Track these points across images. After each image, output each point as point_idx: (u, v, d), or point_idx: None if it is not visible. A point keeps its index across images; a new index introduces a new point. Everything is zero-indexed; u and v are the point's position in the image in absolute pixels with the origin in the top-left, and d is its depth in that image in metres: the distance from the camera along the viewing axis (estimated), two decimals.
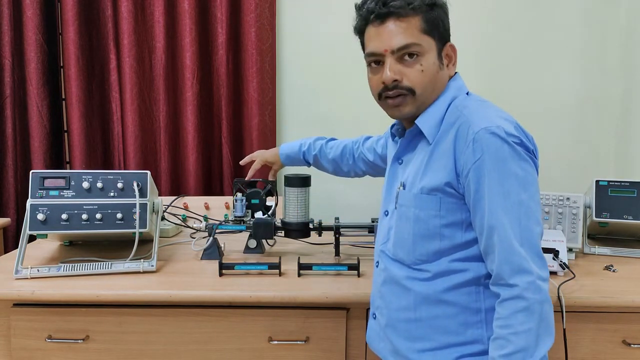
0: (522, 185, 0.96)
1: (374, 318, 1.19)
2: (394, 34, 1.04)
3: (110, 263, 1.47)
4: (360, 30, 1.12)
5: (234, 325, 1.38)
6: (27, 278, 1.41)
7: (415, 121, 1.09)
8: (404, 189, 1.10)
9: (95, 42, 2.19)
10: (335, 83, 2.21)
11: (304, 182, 1.60)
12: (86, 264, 1.46)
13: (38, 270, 1.42)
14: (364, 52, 1.12)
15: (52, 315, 1.38)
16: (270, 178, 1.70)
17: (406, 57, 1.04)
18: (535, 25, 2.17)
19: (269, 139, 2.19)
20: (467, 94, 1.11)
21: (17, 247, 1.47)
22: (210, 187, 2.25)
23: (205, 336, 1.38)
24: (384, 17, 1.04)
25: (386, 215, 1.18)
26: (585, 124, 2.19)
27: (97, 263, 1.47)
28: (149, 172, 1.53)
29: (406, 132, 1.14)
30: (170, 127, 2.19)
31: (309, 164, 1.66)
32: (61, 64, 2.19)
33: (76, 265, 1.45)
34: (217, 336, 1.38)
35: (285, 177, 1.61)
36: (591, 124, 2.19)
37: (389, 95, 1.07)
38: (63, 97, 2.21)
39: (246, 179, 1.72)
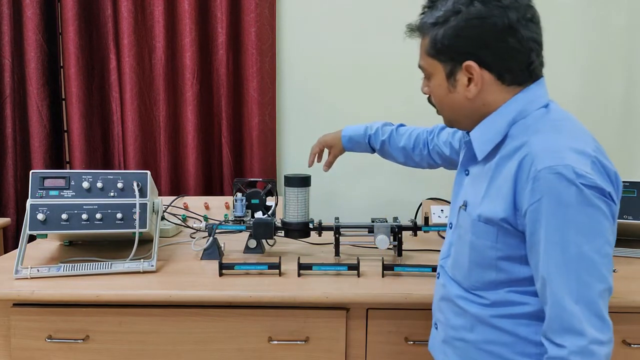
0: (586, 236, 0.85)
1: (436, 328, 1.17)
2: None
3: (110, 263, 1.47)
4: None
5: (234, 325, 1.37)
6: (27, 278, 1.40)
7: (469, 133, 1.04)
8: (465, 209, 1.04)
9: (95, 42, 2.19)
10: (336, 83, 2.21)
11: (304, 182, 1.59)
12: (86, 264, 1.46)
13: (38, 270, 1.42)
14: None
15: (52, 315, 1.38)
16: (325, 169, 1.60)
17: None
18: None
19: (269, 139, 2.19)
20: (547, 106, 0.99)
21: (17, 247, 1.47)
22: (210, 187, 2.25)
23: (205, 336, 1.38)
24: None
25: (450, 227, 1.13)
26: (585, 124, 2.17)
27: (97, 263, 1.47)
28: (149, 172, 1.53)
29: (465, 142, 1.09)
30: (170, 127, 2.19)
31: (373, 150, 1.56)
32: (61, 64, 2.19)
33: (76, 265, 1.45)
34: (217, 336, 1.38)
35: (285, 177, 1.61)
36: (591, 124, 2.16)
37: None
38: (63, 97, 2.21)
39: (309, 164, 1.62)
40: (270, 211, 1.78)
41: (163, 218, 1.87)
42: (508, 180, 0.93)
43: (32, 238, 1.57)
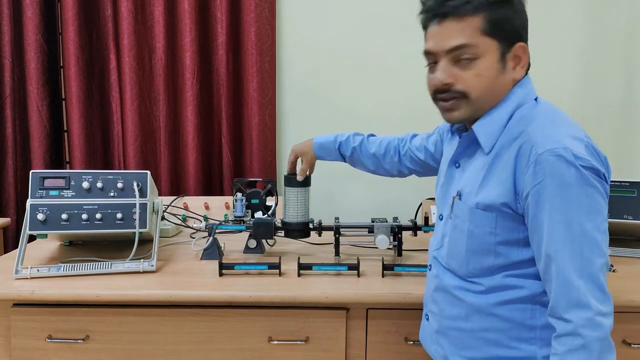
0: (587, 214, 0.90)
1: (427, 319, 1.18)
2: (449, 34, 0.98)
3: (110, 263, 1.47)
4: (424, 26, 1.05)
5: (234, 325, 1.38)
6: (27, 278, 1.40)
7: (473, 126, 1.03)
8: (459, 199, 1.05)
9: (95, 42, 2.19)
10: (336, 82, 2.22)
11: (303, 182, 1.59)
12: (86, 264, 1.46)
13: (38, 270, 1.42)
14: None
15: (52, 315, 1.38)
16: (299, 177, 1.56)
17: (462, 59, 0.98)
18: (534, 25, 2.15)
19: (269, 139, 2.19)
20: (536, 99, 1.03)
21: (17, 247, 1.47)
22: (210, 187, 2.25)
23: (205, 336, 1.38)
24: (443, 17, 0.99)
25: (440, 219, 1.14)
26: (585, 124, 2.17)
27: (97, 263, 1.47)
28: (149, 172, 1.53)
29: (463, 135, 1.08)
30: (170, 127, 2.19)
31: (343, 159, 1.53)
32: (61, 64, 2.20)
33: (76, 265, 1.45)
34: (217, 336, 1.38)
35: (285, 177, 1.61)
36: (591, 124, 2.18)
37: (442, 97, 1.02)
38: (63, 97, 2.21)
39: (287, 173, 1.60)
40: (270, 211, 1.78)
41: (163, 218, 1.87)
42: (507, 166, 0.97)
43: (32, 238, 1.57)
